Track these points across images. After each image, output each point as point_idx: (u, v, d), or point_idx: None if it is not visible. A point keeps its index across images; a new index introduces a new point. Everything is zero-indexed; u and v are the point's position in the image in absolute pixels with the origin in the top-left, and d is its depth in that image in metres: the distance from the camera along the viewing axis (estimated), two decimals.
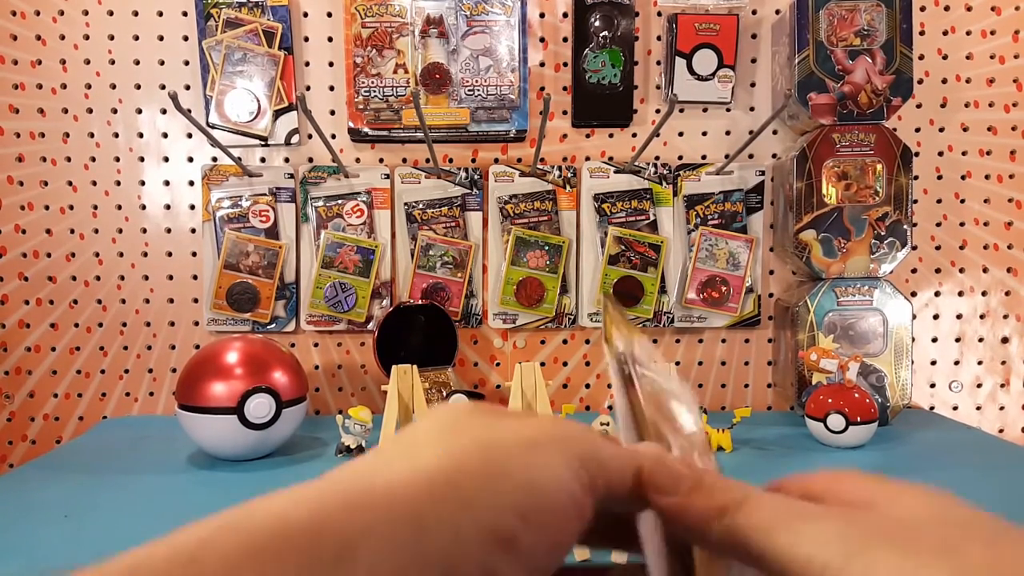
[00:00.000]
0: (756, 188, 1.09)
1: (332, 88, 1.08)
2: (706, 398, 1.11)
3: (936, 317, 1.11)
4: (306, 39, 1.07)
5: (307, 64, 1.08)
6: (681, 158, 1.10)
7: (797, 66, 0.99)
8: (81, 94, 1.06)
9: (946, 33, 1.08)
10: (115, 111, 1.07)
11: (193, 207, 1.08)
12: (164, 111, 1.07)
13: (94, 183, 1.07)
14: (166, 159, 1.08)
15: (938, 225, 1.10)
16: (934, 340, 1.12)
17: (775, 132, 1.10)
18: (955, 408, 1.12)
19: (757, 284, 1.09)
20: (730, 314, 1.08)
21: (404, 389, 0.85)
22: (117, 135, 1.07)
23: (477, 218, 1.08)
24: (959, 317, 1.11)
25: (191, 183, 1.08)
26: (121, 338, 1.08)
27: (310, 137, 1.07)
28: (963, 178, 1.10)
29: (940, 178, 1.10)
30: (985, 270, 1.11)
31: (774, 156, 1.10)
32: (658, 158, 1.09)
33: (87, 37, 1.05)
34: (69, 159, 1.06)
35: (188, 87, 1.06)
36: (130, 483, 0.77)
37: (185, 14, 1.05)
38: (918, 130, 1.09)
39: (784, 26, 1.03)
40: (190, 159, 1.08)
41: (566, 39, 1.08)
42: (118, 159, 1.07)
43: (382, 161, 1.09)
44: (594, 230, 1.08)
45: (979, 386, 1.12)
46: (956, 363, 1.12)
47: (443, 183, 1.08)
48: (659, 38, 1.09)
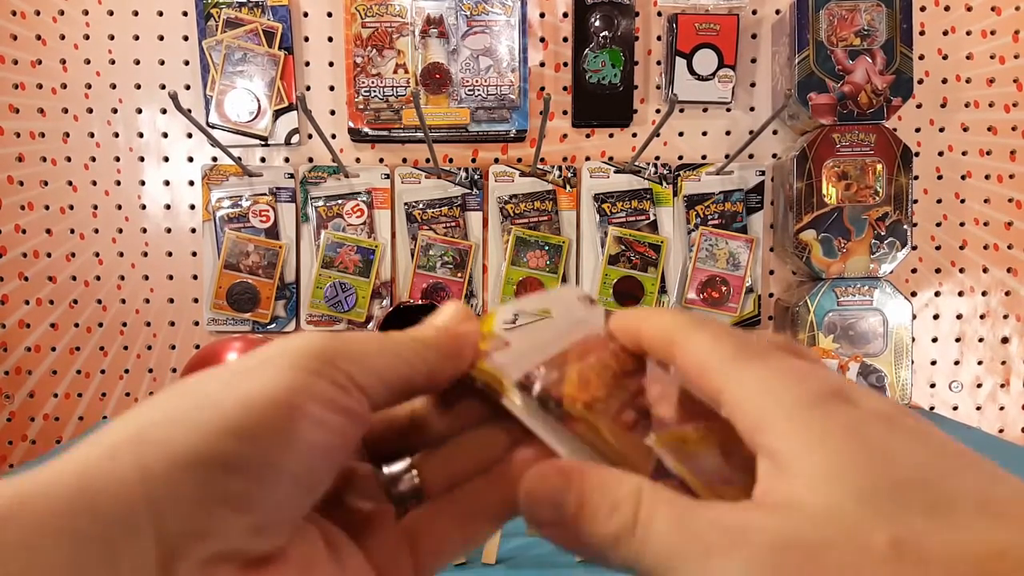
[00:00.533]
0: (756, 188, 1.09)
1: (332, 88, 1.08)
2: None
3: (936, 317, 1.11)
4: (306, 39, 1.07)
5: (307, 64, 1.08)
6: (681, 158, 1.10)
7: (797, 66, 0.99)
8: (81, 94, 1.06)
9: (946, 33, 1.08)
10: (115, 111, 1.07)
11: (193, 207, 1.08)
12: (164, 111, 1.07)
13: (94, 183, 1.07)
14: (166, 159, 1.08)
15: (938, 225, 1.10)
16: (934, 340, 1.12)
17: (775, 132, 1.10)
18: (955, 408, 1.12)
19: (757, 284, 1.09)
20: (730, 314, 1.08)
21: None
22: (117, 135, 1.07)
23: (477, 218, 1.08)
24: (959, 317, 1.11)
25: (191, 183, 1.08)
26: (121, 338, 1.08)
27: (310, 137, 1.07)
28: (963, 178, 1.10)
29: (940, 178, 1.10)
30: (985, 270, 1.11)
31: (774, 156, 1.10)
32: (658, 158, 1.09)
33: (87, 37, 1.05)
34: (69, 159, 1.06)
35: (188, 87, 1.06)
36: None
37: (185, 14, 1.05)
38: (918, 130, 1.09)
39: (784, 26, 1.03)
40: (190, 159, 1.08)
41: (566, 39, 1.08)
42: (118, 159, 1.07)
43: (382, 161, 1.09)
44: (594, 230, 1.08)
45: (979, 386, 1.12)
46: (956, 363, 1.12)
47: (443, 183, 1.08)
48: (659, 38, 1.09)
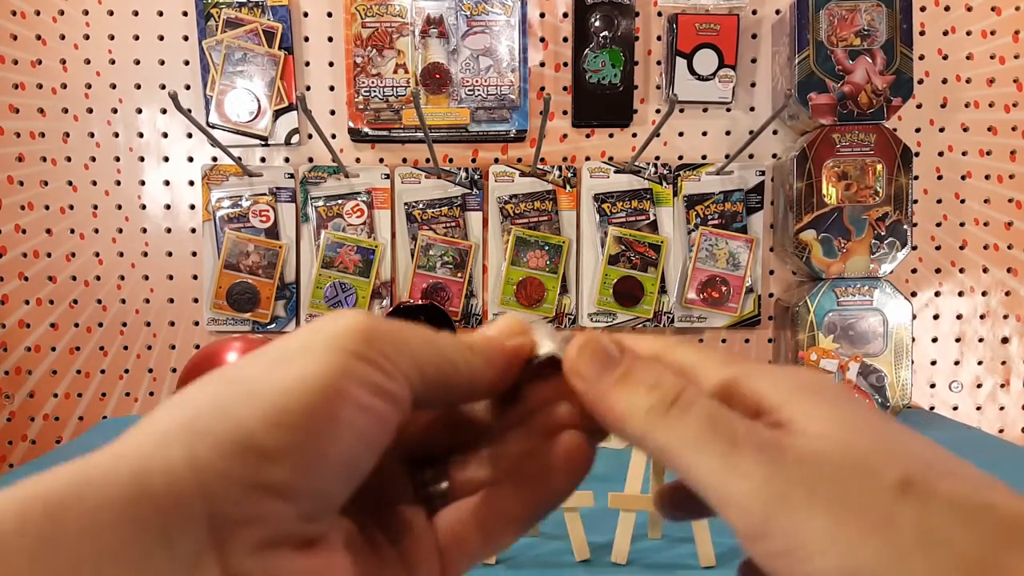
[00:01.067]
0: (756, 188, 1.09)
1: (332, 88, 1.08)
2: None
3: (936, 317, 1.11)
4: (306, 39, 1.07)
5: (307, 64, 1.08)
6: (681, 158, 1.10)
7: (797, 66, 0.99)
8: (81, 94, 1.06)
9: (946, 33, 1.08)
10: (115, 111, 1.07)
11: (193, 207, 1.08)
12: (164, 111, 1.07)
13: (94, 183, 1.07)
14: (166, 159, 1.08)
15: (938, 225, 1.10)
16: (934, 340, 1.12)
17: (775, 132, 1.10)
18: (955, 408, 1.12)
19: (757, 284, 1.09)
20: (730, 314, 1.08)
21: None
22: (117, 135, 1.07)
23: (477, 218, 1.08)
24: (959, 317, 1.11)
25: (191, 183, 1.08)
26: (121, 338, 1.08)
27: (310, 137, 1.07)
28: (963, 178, 1.10)
29: (940, 178, 1.10)
30: (985, 270, 1.11)
31: (774, 156, 1.10)
32: (658, 158, 1.09)
33: (87, 37, 1.05)
34: (69, 159, 1.06)
35: (188, 87, 1.06)
36: None
37: (185, 14, 1.05)
38: (918, 130, 1.09)
39: (784, 26, 1.03)
40: (190, 159, 1.08)
41: (566, 39, 1.08)
42: (118, 159, 1.07)
43: (382, 161, 1.09)
44: (594, 230, 1.08)
45: (979, 386, 1.12)
46: (956, 363, 1.12)
47: (443, 183, 1.08)
48: (659, 38, 1.09)
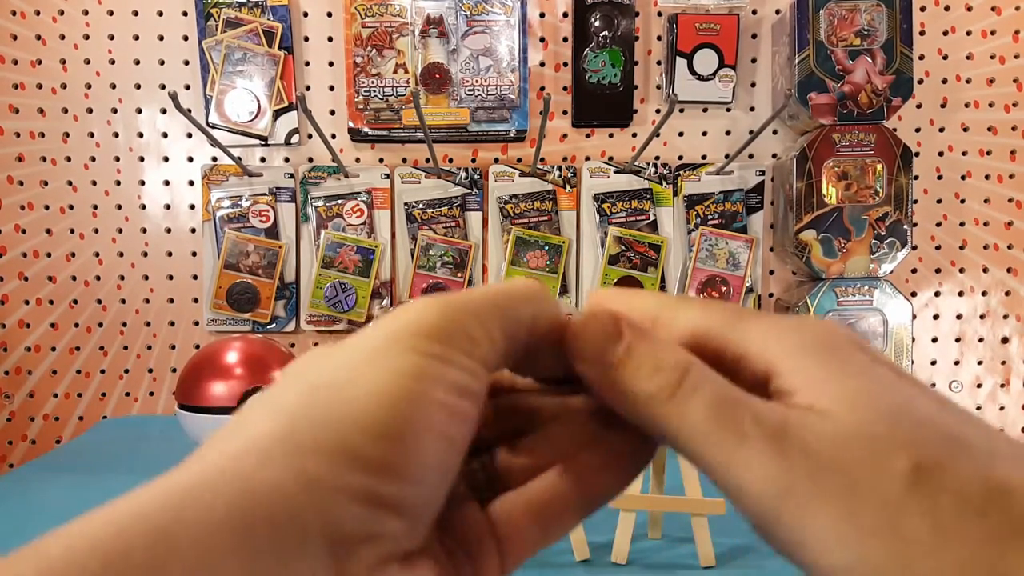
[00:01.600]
0: (756, 188, 1.09)
1: (332, 88, 1.08)
2: None
3: (936, 317, 1.11)
4: (306, 39, 1.07)
5: (307, 64, 1.08)
6: (681, 158, 1.10)
7: (797, 66, 0.99)
8: (81, 94, 1.06)
9: (946, 33, 1.08)
10: (115, 111, 1.07)
11: (193, 207, 1.08)
12: (164, 111, 1.07)
13: (94, 183, 1.07)
14: (166, 159, 1.08)
15: (938, 225, 1.10)
16: (934, 340, 1.12)
17: (775, 132, 1.10)
18: None
19: (757, 284, 1.09)
20: None
21: None
22: (117, 135, 1.07)
23: (477, 218, 1.08)
24: (959, 317, 1.11)
25: (191, 183, 1.08)
26: (121, 338, 1.08)
27: (310, 137, 1.07)
28: (963, 178, 1.10)
29: (940, 178, 1.10)
30: (985, 270, 1.11)
31: (774, 156, 1.10)
32: (658, 158, 1.09)
33: (87, 37, 1.05)
34: (69, 159, 1.06)
35: (188, 87, 1.06)
36: (130, 483, 0.76)
37: (185, 14, 1.05)
38: (918, 130, 1.09)
39: (784, 26, 1.03)
40: (190, 159, 1.08)
41: (566, 39, 1.08)
42: (118, 159, 1.07)
43: (382, 161, 1.09)
44: (594, 230, 1.08)
45: (979, 386, 1.12)
46: (956, 363, 1.12)
47: (443, 183, 1.08)
48: (659, 38, 1.09)
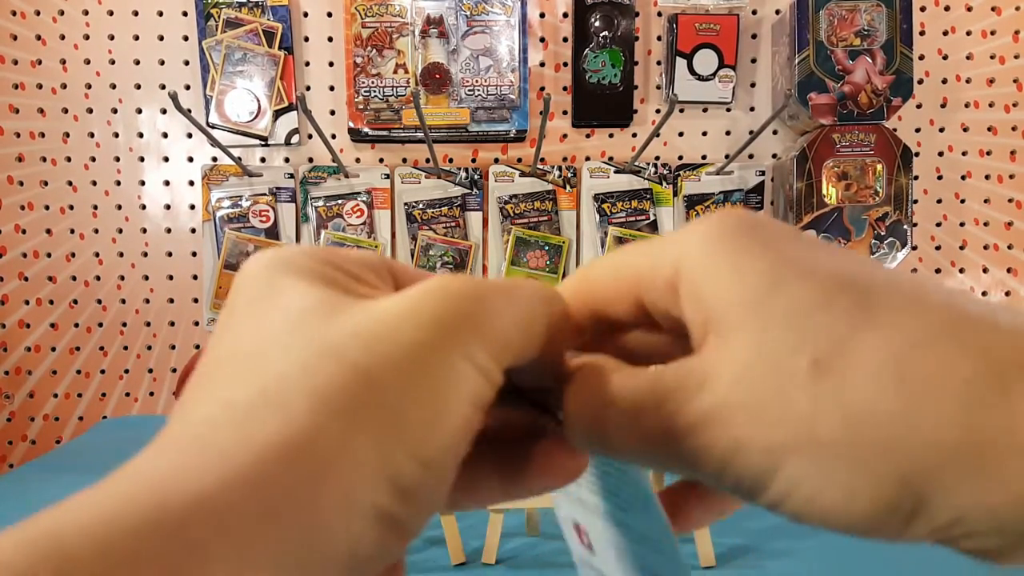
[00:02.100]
0: (756, 188, 1.09)
1: (332, 88, 1.08)
2: None
3: None
4: (306, 39, 1.07)
5: (307, 64, 1.08)
6: (681, 158, 1.10)
7: (797, 66, 0.99)
8: (81, 94, 1.06)
9: (946, 33, 1.08)
10: (115, 111, 1.07)
11: (193, 207, 1.08)
12: (164, 111, 1.07)
13: (94, 183, 1.07)
14: (166, 159, 1.08)
15: (938, 225, 1.10)
16: None
17: (775, 132, 1.10)
18: None
19: None
20: None
21: None
22: (117, 135, 1.07)
23: (477, 218, 1.08)
24: None
25: (191, 183, 1.08)
26: (121, 338, 1.08)
27: (310, 137, 1.07)
28: (963, 178, 1.10)
29: (940, 178, 1.10)
30: (985, 270, 1.11)
31: (774, 156, 1.10)
32: (658, 158, 1.09)
33: (87, 37, 1.05)
34: (69, 159, 1.06)
35: (188, 87, 1.06)
36: None
37: (185, 14, 1.05)
38: (918, 130, 1.09)
39: (784, 26, 1.03)
40: (190, 159, 1.08)
41: (566, 39, 1.08)
42: (118, 159, 1.07)
43: (382, 161, 1.09)
44: (594, 230, 1.08)
45: None
46: None
47: (443, 183, 1.08)
48: (659, 38, 1.09)
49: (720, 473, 0.17)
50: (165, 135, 1.07)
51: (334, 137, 1.07)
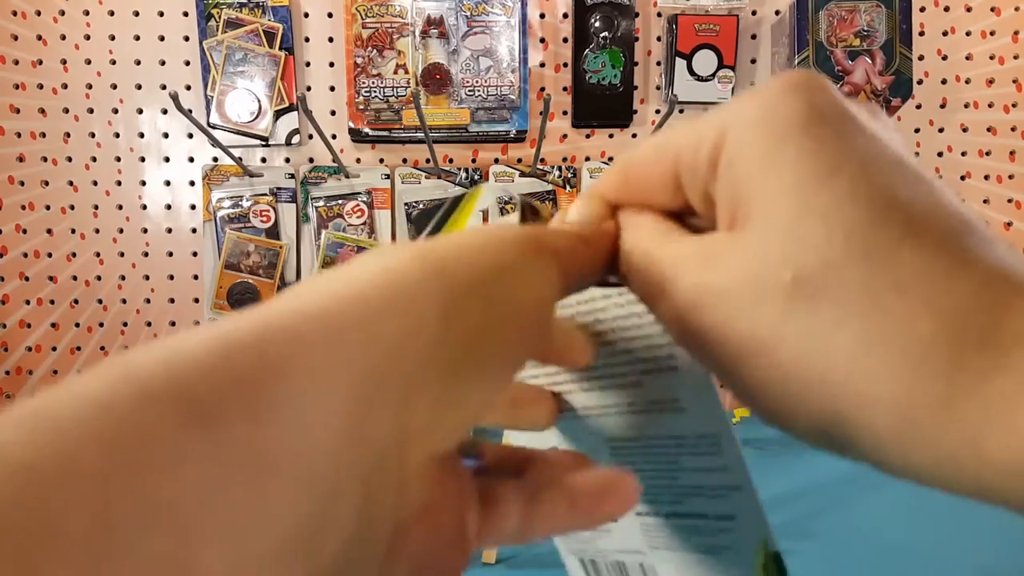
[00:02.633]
0: None
1: (333, 88, 1.08)
2: None
3: None
4: (307, 39, 1.07)
5: (308, 64, 1.08)
6: None
7: (797, 67, 0.99)
8: (82, 94, 1.06)
9: (946, 34, 1.08)
10: (116, 111, 1.07)
11: (194, 207, 1.08)
12: (165, 111, 1.07)
13: (95, 183, 1.07)
14: (167, 159, 1.08)
15: None
16: None
17: None
18: None
19: None
20: None
21: None
22: (118, 135, 1.07)
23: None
24: None
25: (192, 183, 1.08)
26: (122, 338, 1.08)
27: (311, 137, 1.07)
28: (963, 179, 1.10)
29: (940, 178, 1.10)
30: None
31: None
32: None
33: (88, 37, 1.05)
34: (70, 159, 1.07)
35: (189, 87, 1.07)
36: None
37: (186, 14, 1.05)
38: (918, 131, 1.10)
39: (784, 27, 1.03)
40: (191, 159, 1.08)
41: (566, 40, 1.08)
42: (119, 159, 1.07)
43: (382, 161, 1.09)
44: None
45: None
46: None
47: (443, 183, 1.08)
48: (659, 39, 1.09)
49: (694, 349, 0.19)
50: (166, 135, 1.08)
51: (334, 137, 1.07)
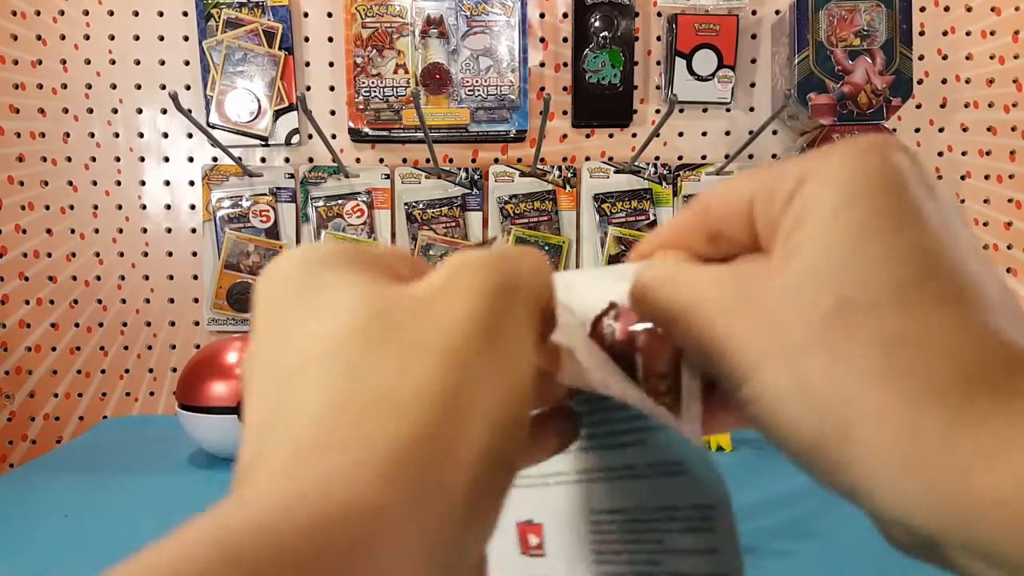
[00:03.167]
0: None
1: (332, 88, 1.08)
2: None
3: None
4: (306, 39, 1.07)
5: (307, 64, 1.08)
6: (681, 158, 1.10)
7: (797, 66, 0.99)
8: (82, 94, 1.06)
9: (946, 34, 1.08)
10: (115, 111, 1.07)
11: (193, 207, 1.08)
12: (165, 111, 1.07)
13: (95, 183, 1.07)
14: (166, 159, 1.08)
15: None
16: None
17: (775, 132, 1.10)
18: None
19: None
20: None
21: None
22: (118, 135, 1.07)
23: (477, 218, 1.08)
24: None
25: (191, 183, 1.08)
26: (121, 338, 1.08)
27: (310, 137, 1.07)
28: (963, 178, 1.10)
29: (940, 178, 1.10)
30: None
31: (774, 156, 1.10)
32: (658, 158, 1.09)
33: (87, 37, 1.05)
34: (70, 159, 1.06)
35: (188, 87, 1.06)
36: (130, 483, 0.77)
37: (185, 14, 1.05)
38: (918, 130, 1.09)
39: (784, 26, 1.03)
40: (190, 159, 1.08)
41: (566, 39, 1.08)
42: (119, 159, 1.07)
43: (382, 161, 1.09)
44: (594, 230, 1.08)
45: None
46: None
47: (443, 183, 1.08)
48: (659, 38, 1.09)
49: (712, 355, 0.20)
50: (165, 135, 1.07)
51: (334, 137, 1.07)
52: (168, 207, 1.08)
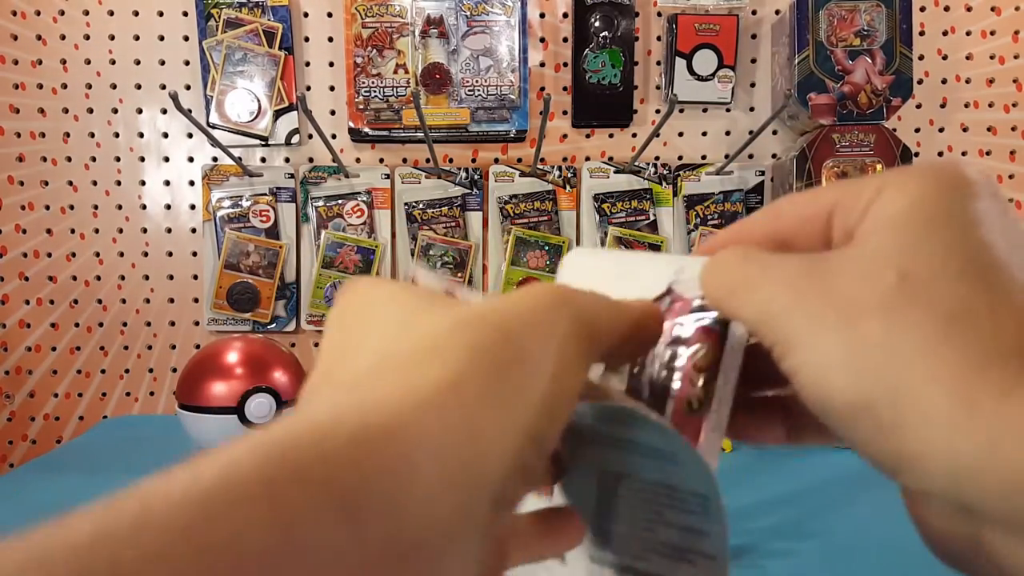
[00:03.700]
0: (756, 188, 1.09)
1: (332, 88, 1.08)
2: None
3: None
4: (306, 39, 1.07)
5: (307, 64, 1.08)
6: (681, 158, 1.10)
7: (797, 66, 0.99)
8: (82, 94, 1.06)
9: (946, 33, 1.08)
10: (116, 111, 1.07)
11: (193, 207, 1.08)
12: (165, 111, 1.07)
13: (95, 183, 1.07)
14: (167, 159, 1.08)
15: None
16: None
17: (775, 132, 1.10)
18: None
19: None
20: None
21: None
22: (118, 135, 1.07)
23: (477, 218, 1.08)
24: None
25: (191, 183, 1.08)
26: (121, 338, 1.08)
27: (310, 137, 1.07)
28: None
29: None
30: None
31: (774, 156, 1.10)
32: (658, 158, 1.09)
33: (87, 37, 1.05)
34: (70, 159, 1.06)
35: (189, 87, 1.06)
36: (130, 483, 0.77)
37: (185, 14, 1.05)
38: (918, 130, 1.09)
39: (784, 26, 1.03)
40: (191, 159, 1.08)
41: (566, 39, 1.08)
42: (119, 159, 1.07)
43: (382, 161, 1.09)
44: (594, 230, 1.08)
45: None
46: None
47: (443, 183, 1.08)
48: (659, 38, 1.09)
49: (772, 322, 0.21)
50: (165, 135, 1.07)
51: (334, 137, 1.07)
52: (168, 207, 1.08)
